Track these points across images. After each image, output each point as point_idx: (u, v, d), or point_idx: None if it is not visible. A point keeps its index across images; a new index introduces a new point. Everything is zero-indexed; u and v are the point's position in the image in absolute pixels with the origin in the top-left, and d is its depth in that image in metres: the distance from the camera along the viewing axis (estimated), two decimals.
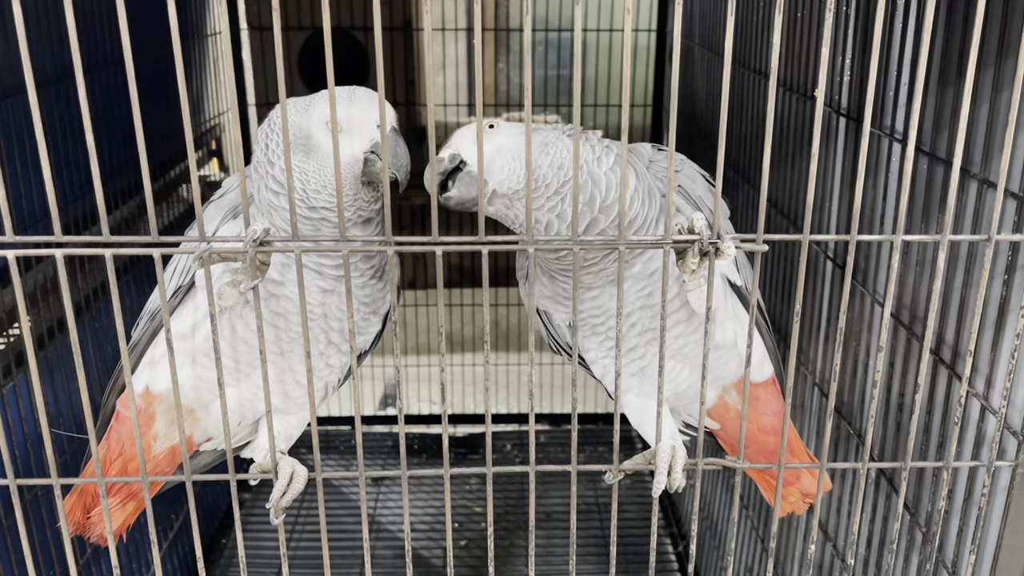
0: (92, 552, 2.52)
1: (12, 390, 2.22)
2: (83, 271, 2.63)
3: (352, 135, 1.38)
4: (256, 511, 3.88)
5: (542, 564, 3.58)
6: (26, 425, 2.27)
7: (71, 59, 0.99)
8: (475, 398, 4.77)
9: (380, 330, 1.67)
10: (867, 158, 1.92)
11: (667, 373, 1.62)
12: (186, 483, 1.25)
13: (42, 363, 2.36)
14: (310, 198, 1.43)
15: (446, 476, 1.30)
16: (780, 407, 1.71)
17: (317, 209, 1.44)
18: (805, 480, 1.72)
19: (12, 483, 1.22)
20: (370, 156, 1.41)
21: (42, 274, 2.39)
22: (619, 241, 1.18)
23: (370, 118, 1.40)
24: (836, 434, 2.15)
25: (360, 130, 1.40)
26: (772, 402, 1.69)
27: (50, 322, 2.43)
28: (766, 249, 1.18)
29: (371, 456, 4.36)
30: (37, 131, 1.07)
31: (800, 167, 2.34)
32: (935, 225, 1.66)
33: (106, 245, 1.14)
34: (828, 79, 2.13)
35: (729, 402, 1.69)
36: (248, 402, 1.57)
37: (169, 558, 3.20)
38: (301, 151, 1.42)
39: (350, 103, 1.41)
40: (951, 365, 1.61)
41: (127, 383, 1.19)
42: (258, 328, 1.17)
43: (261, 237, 1.14)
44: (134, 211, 2.99)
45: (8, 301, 2.26)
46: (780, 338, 2.41)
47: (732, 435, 1.72)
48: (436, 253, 1.19)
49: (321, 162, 1.42)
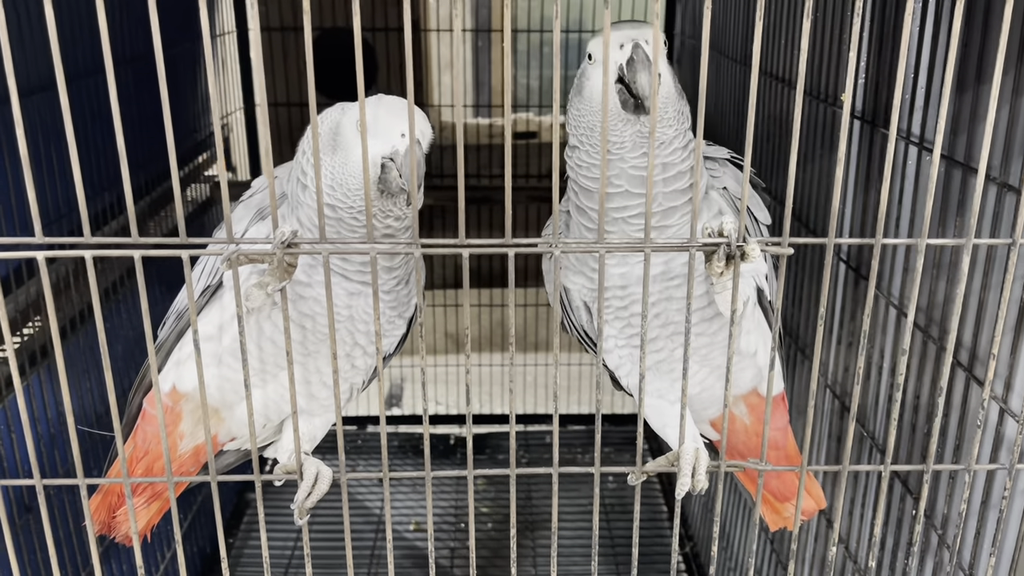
0: (101, 553, 2.52)
1: (26, 389, 2.22)
2: (95, 271, 2.63)
3: (376, 138, 1.38)
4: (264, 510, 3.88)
5: (548, 564, 3.58)
6: (39, 424, 2.27)
7: (81, 61, 0.99)
8: (481, 398, 4.77)
9: (405, 333, 1.67)
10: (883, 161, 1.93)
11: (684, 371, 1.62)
12: (211, 483, 1.25)
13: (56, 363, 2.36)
14: (328, 194, 1.43)
15: (469, 477, 1.31)
16: (785, 424, 1.72)
17: (334, 207, 1.44)
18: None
19: (38, 483, 1.22)
20: (387, 163, 1.39)
21: (55, 274, 2.39)
22: (645, 244, 1.19)
23: (397, 126, 1.39)
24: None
25: (383, 135, 1.39)
26: (778, 418, 1.70)
27: (62, 322, 2.43)
28: (791, 252, 1.18)
29: (377, 456, 4.36)
30: (68, 133, 1.08)
31: (813, 170, 2.34)
32: (952, 228, 1.66)
33: (135, 247, 1.14)
34: (843, 81, 2.14)
35: (736, 414, 1.69)
36: (274, 403, 1.58)
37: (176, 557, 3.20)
38: (331, 148, 1.43)
39: (382, 107, 1.41)
40: (969, 368, 1.61)
41: (154, 383, 1.19)
42: (285, 330, 1.17)
43: (289, 239, 1.14)
44: (144, 211, 2.99)
45: (21, 301, 2.26)
46: (792, 340, 2.42)
47: (733, 446, 1.73)
48: (463, 255, 1.19)
49: (345, 158, 1.43)
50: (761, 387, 1.64)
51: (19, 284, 2.23)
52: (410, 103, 1.15)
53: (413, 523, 3.83)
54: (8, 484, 1.25)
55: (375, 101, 1.41)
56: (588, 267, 1.57)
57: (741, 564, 3.02)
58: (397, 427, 4.61)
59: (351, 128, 1.41)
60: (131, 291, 2.86)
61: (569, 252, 1.28)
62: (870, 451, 2.03)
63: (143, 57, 2.79)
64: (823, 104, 2.24)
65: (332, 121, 1.45)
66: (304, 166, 1.46)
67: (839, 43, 2.14)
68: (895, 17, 1.88)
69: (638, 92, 1.39)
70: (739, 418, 1.69)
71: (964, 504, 1.34)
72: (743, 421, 1.69)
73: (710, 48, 3.40)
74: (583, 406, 4.76)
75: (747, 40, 2.90)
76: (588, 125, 1.48)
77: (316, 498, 1.39)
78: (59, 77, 1.05)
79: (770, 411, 1.27)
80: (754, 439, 1.71)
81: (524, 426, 4.61)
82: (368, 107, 1.35)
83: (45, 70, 2.28)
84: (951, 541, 1.67)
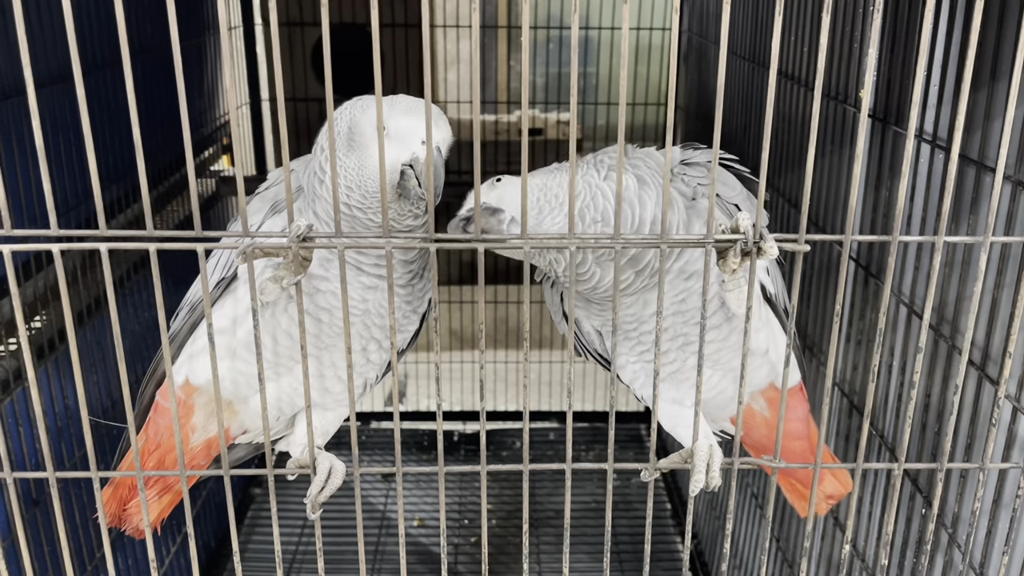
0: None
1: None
2: (101, 264, 2.63)
3: (395, 143, 1.37)
4: (265, 506, 3.89)
5: (552, 562, 3.58)
6: (46, 418, 2.27)
7: (90, 54, 0.99)
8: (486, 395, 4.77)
9: (418, 329, 1.67)
10: (893, 159, 1.93)
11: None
12: (224, 477, 1.25)
13: (62, 356, 2.36)
14: (345, 194, 1.43)
15: (483, 473, 1.30)
16: (806, 413, 1.71)
17: (350, 207, 1.43)
18: (828, 482, 1.72)
19: (51, 476, 1.22)
20: (407, 170, 1.38)
21: (51, 273, 2.39)
22: (660, 240, 1.19)
23: (416, 132, 1.37)
24: (857, 435, 2.15)
25: (404, 140, 1.37)
26: (798, 408, 1.70)
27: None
28: (807, 249, 1.18)
29: (380, 452, 4.36)
30: (84, 124, 1.08)
31: (822, 167, 2.34)
32: (966, 226, 1.66)
33: (150, 239, 1.14)
34: (853, 79, 2.14)
35: (755, 408, 1.69)
36: (287, 397, 1.57)
37: (182, 551, 3.20)
38: (347, 146, 1.42)
39: (404, 112, 1.39)
40: (981, 366, 1.61)
41: (168, 376, 1.19)
42: (300, 323, 1.17)
43: (304, 233, 1.14)
44: (151, 204, 2.98)
45: (28, 294, 2.26)
46: (800, 339, 2.41)
47: (755, 440, 1.73)
48: (479, 250, 1.19)
49: (362, 160, 1.42)
50: (778, 381, 1.64)
51: (27, 278, 2.23)
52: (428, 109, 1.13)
53: (417, 519, 3.83)
54: (20, 477, 1.25)
55: (391, 102, 1.39)
56: (595, 307, 1.62)
57: (745, 562, 3.02)
58: (401, 423, 4.60)
59: (370, 128, 1.39)
60: (137, 285, 2.86)
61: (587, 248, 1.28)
62: (879, 449, 2.03)
63: (149, 50, 2.79)
64: (833, 101, 2.24)
65: (350, 118, 1.43)
66: (322, 163, 1.44)
67: (851, 40, 2.13)
68: (908, 14, 1.87)
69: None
70: (758, 412, 1.69)
71: (978, 503, 1.33)
72: (763, 415, 1.69)
73: (715, 44, 3.40)
74: (587, 403, 4.77)
75: (756, 37, 2.89)
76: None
77: (329, 493, 1.39)
78: (76, 69, 1.04)
79: (784, 408, 1.27)
80: (775, 431, 1.72)
81: (533, 423, 4.61)
82: (384, 107, 1.34)
83: (54, 63, 2.28)
84: (962, 540, 1.67)
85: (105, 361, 2.62)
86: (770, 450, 1.70)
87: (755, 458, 1.35)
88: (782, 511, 2.65)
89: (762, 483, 2.85)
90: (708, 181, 1.58)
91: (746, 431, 1.76)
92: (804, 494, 1.83)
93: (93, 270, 2.59)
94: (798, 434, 1.70)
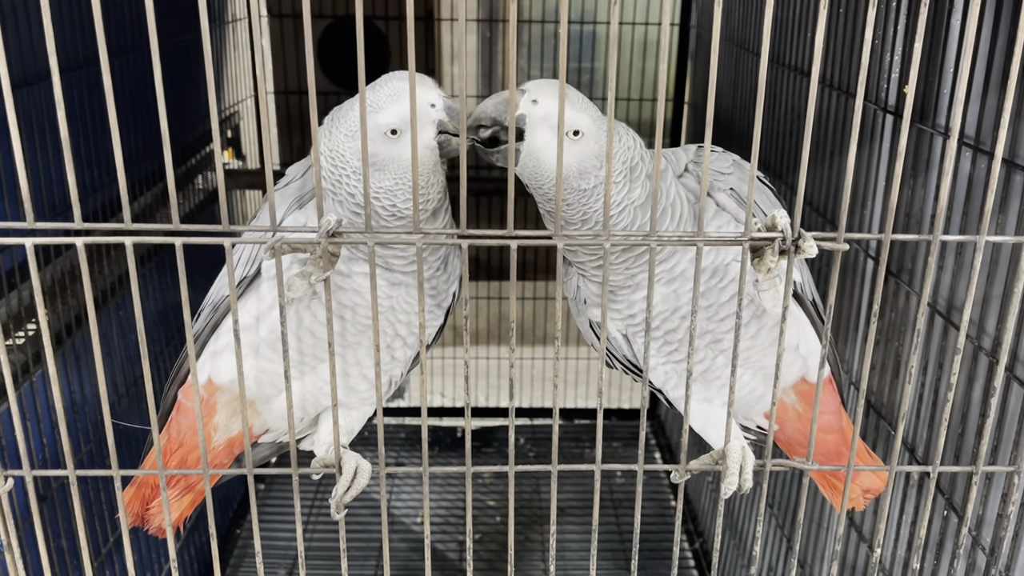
0: (112, 543, 2.50)
1: (40, 379, 2.19)
2: (108, 258, 2.60)
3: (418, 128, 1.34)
4: (269, 502, 3.86)
5: (559, 559, 3.57)
6: (53, 414, 2.24)
7: (96, 44, 0.96)
8: (488, 392, 4.74)
9: (442, 324, 1.65)
10: (916, 156, 1.91)
11: (728, 378, 1.60)
12: (248, 476, 1.23)
13: (69, 351, 2.34)
14: (398, 208, 1.41)
15: (511, 473, 1.29)
16: (837, 406, 1.69)
17: (399, 208, 1.41)
18: (865, 475, 1.70)
19: (71, 473, 1.20)
20: (442, 139, 1.37)
21: (69, 263, 2.36)
22: (697, 238, 1.16)
23: (420, 104, 1.34)
24: (875, 435, 2.14)
25: (419, 121, 1.35)
26: (830, 401, 1.68)
27: (78, 311, 2.39)
28: (847, 248, 1.16)
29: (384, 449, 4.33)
30: (110, 114, 1.05)
31: (838, 165, 2.32)
32: (995, 225, 1.64)
33: (176, 234, 1.11)
34: (875, 75, 2.12)
35: (787, 402, 1.67)
36: (311, 396, 1.55)
37: (187, 548, 3.18)
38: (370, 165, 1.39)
39: (397, 102, 1.36)
40: (1010, 368, 1.59)
41: (192, 375, 1.16)
42: (327, 321, 1.14)
43: (334, 228, 1.12)
44: (158, 197, 2.95)
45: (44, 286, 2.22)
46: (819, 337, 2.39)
47: (789, 435, 1.71)
48: (511, 247, 1.16)
49: (397, 174, 1.39)
50: (808, 375, 1.62)
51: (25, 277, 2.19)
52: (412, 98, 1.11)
53: (421, 516, 3.81)
54: (39, 475, 1.22)
55: (391, 96, 1.36)
56: (611, 298, 1.58)
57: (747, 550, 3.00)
58: (403, 419, 4.58)
59: (384, 140, 1.37)
60: (141, 279, 2.83)
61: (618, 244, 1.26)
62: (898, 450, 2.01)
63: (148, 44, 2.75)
64: (850, 98, 2.21)
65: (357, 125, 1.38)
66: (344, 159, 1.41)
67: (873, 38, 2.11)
68: (934, 11, 1.85)
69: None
70: (790, 406, 1.67)
71: (1013, 506, 1.32)
72: (795, 409, 1.67)
73: (727, 41, 3.38)
74: (590, 400, 4.74)
75: (774, 34, 2.86)
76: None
77: (355, 492, 1.36)
78: (103, 59, 1.01)
79: (817, 410, 1.25)
80: (807, 425, 1.70)
81: (530, 420, 4.59)
82: (389, 108, 1.32)
83: (61, 54, 2.24)
84: (986, 542, 1.66)
85: (111, 355, 2.59)
86: (804, 444, 1.68)
87: (788, 454, 1.33)
88: (794, 511, 2.63)
89: (776, 481, 2.83)
90: (722, 178, 1.55)
91: (779, 426, 1.74)
92: (839, 488, 1.81)
93: (99, 263, 2.56)
94: (831, 427, 1.69)
